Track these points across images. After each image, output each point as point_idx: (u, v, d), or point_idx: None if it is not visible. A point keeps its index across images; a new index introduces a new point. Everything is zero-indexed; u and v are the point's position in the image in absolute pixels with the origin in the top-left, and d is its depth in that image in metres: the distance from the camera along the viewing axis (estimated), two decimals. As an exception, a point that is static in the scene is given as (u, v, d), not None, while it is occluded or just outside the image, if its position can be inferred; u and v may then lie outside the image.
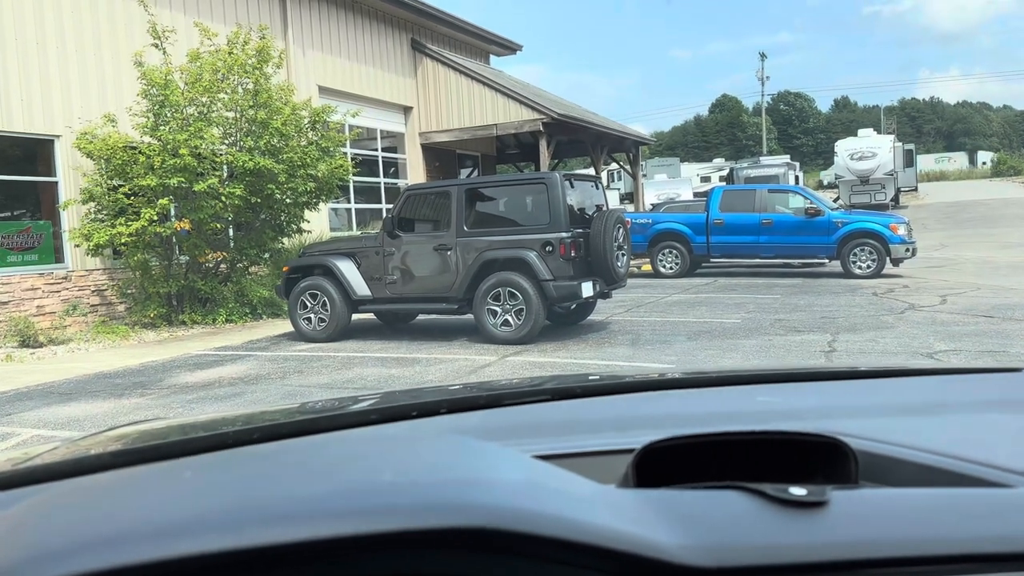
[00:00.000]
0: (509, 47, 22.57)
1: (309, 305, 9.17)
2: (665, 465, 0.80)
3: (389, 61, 17.58)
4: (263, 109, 10.80)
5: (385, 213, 13.86)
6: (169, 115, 10.35)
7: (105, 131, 10.32)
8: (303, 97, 12.14)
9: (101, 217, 10.47)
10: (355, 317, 9.42)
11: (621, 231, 8.73)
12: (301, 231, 12.15)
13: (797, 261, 15.74)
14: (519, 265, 8.28)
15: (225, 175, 10.86)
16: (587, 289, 8.29)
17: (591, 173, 16.19)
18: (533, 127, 17.04)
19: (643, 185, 24.86)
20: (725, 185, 21.04)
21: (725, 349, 7.61)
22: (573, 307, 9.13)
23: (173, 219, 10.62)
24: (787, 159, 38.20)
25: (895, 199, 32.44)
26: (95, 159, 10.34)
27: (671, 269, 15.47)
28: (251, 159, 10.43)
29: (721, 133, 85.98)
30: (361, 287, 9.04)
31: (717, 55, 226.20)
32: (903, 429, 0.98)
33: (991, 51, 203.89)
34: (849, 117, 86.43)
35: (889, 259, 13.81)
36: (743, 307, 10.59)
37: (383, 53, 17.42)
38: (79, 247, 10.39)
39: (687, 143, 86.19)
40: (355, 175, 13.33)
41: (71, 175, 10.75)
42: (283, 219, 11.75)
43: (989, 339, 7.59)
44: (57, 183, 10.77)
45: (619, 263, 8.66)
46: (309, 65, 15.15)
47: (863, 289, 12.12)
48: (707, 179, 40.97)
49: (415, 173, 18.17)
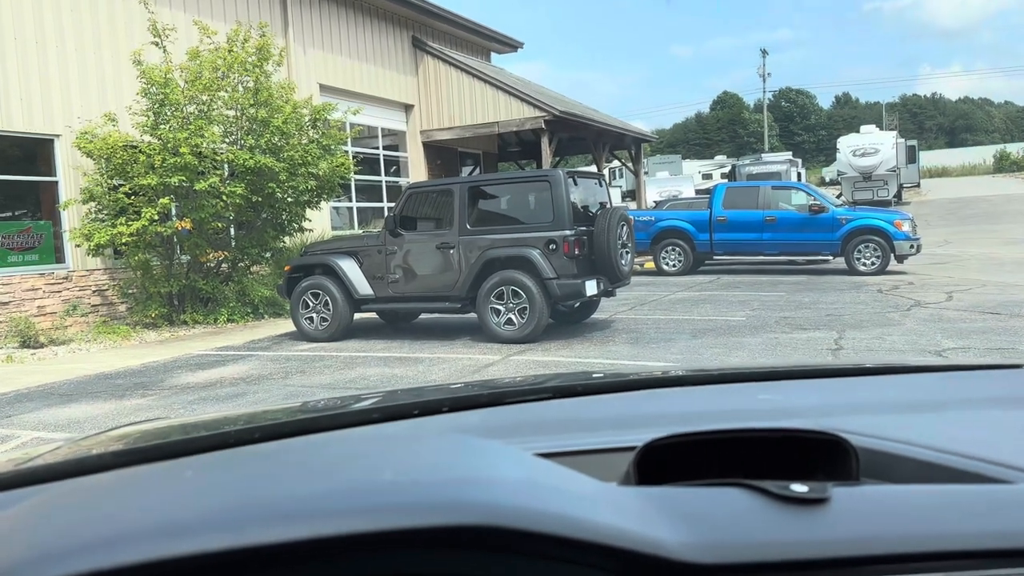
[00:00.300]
0: (510, 44, 22.50)
1: (311, 304, 9.12)
2: (666, 463, 0.80)
3: (390, 59, 17.52)
4: (264, 107, 10.74)
5: (387, 212, 13.81)
6: (169, 114, 10.30)
7: (105, 130, 10.27)
8: (304, 95, 12.09)
9: (102, 217, 10.42)
10: (357, 316, 9.37)
11: (625, 229, 8.66)
12: (303, 230, 12.11)
13: (801, 258, 15.67)
14: (522, 263, 8.22)
15: (226, 174, 10.81)
16: (591, 287, 8.23)
17: (594, 170, 16.14)
18: (535, 124, 16.98)
19: (645, 182, 24.80)
20: (728, 182, 20.97)
21: (731, 347, 7.55)
22: (577, 305, 9.08)
23: (174, 218, 10.57)
24: (789, 156, 38.14)
25: (898, 195, 32.36)
26: (95, 158, 10.28)
27: (674, 267, 15.40)
28: (252, 157, 10.38)
29: (722, 130, 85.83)
30: (363, 286, 8.99)
31: (718, 52, 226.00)
32: (904, 426, 0.98)
33: (992, 47, 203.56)
34: (851, 113, 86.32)
35: (893, 256, 13.74)
36: (747, 305, 10.53)
37: (384, 51, 17.36)
38: (80, 247, 10.33)
39: (688, 140, 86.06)
40: (356, 173, 13.26)
41: (71, 175, 10.70)
42: (284, 218, 11.70)
43: (997, 336, 7.52)
44: (57, 183, 10.72)
45: (623, 261, 8.59)
46: (310, 63, 15.09)
47: (868, 286, 12.06)
48: (709, 176, 40.95)
49: (416, 171, 18.12)
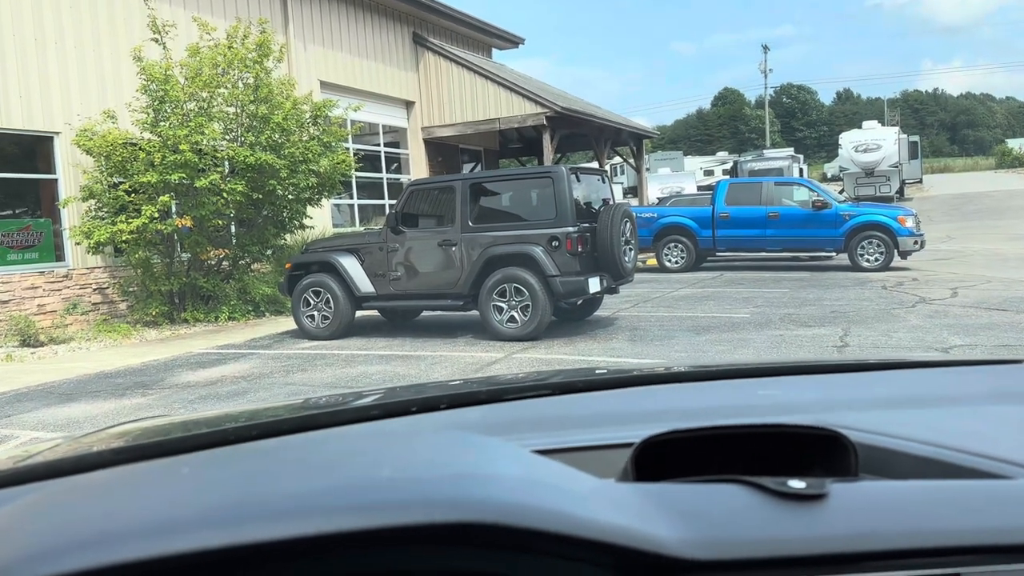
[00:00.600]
0: (511, 40, 22.41)
1: (312, 302, 9.06)
2: (664, 459, 0.80)
3: (391, 55, 17.44)
4: (264, 104, 10.68)
5: (388, 209, 13.75)
6: (169, 111, 10.23)
7: (105, 127, 10.20)
8: (304, 92, 12.02)
9: (102, 214, 10.36)
10: (359, 314, 9.31)
11: (628, 225, 8.60)
12: (304, 227, 12.05)
13: (804, 254, 15.61)
14: (525, 261, 8.16)
15: (226, 171, 10.75)
16: (594, 284, 8.17)
17: (596, 167, 16.06)
18: (536, 121, 16.90)
19: (646, 179, 24.72)
20: (730, 178, 20.90)
21: (735, 344, 7.49)
22: (579, 303, 9.02)
23: (174, 216, 10.51)
24: (791, 152, 38.05)
25: (900, 191, 32.26)
26: (95, 156, 10.22)
27: (676, 263, 15.34)
28: (252, 154, 10.32)
29: (723, 126, 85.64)
30: (365, 284, 8.93)
31: (718, 48, 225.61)
32: (903, 422, 0.97)
33: (994, 42, 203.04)
34: (852, 109, 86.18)
35: (897, 252, 13.68)
36: (751, 301, 10.47)
37: (385, 47, 17.28)
38: (80, 245, 10.28)
39: (689, 136, 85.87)
40: (357, 170, 13.19)
41: (71, 172, 10.64)
42: (285, 215, 11.64)
43: (1004, 332, 7.46)
44: (57, 180, 10.66)
45: (626, 258, 8.54)
46: (310, 60, 15.02)
47: (872, 282, 11.99)
48: (710, 173, 40.82)
49: (418, 168, 18.05)
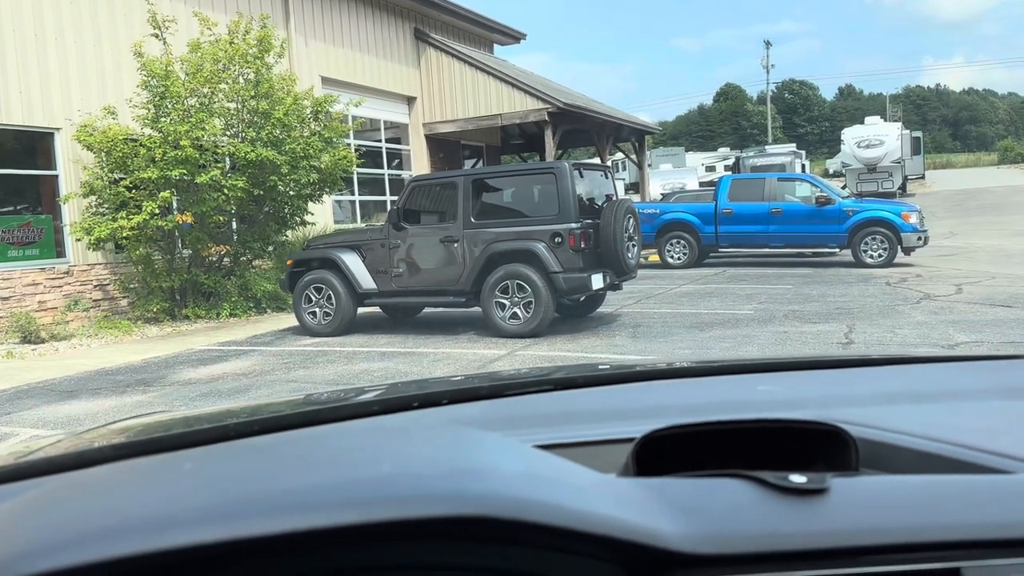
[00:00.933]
0: (513, 36, 22.33)
1: (314, 299, 9.02)
2: (665, 454, 0.79)
3: (392, 51, 17.38)
4: (265, 99, 10.63)
5: (389, 205, 13.70)
6: (170, 106, 10.18)
7: (105, 123, 10.16)
8: (306, 88, 11.96)
9: (102, 211, 10.32)
10: (360, 311, 9.28)
11: (631, 221, 8.55)
12: (305, 224, 12.00)
13: (808, 250, 15.55)
14: (528, 257, 8.12)
15: (227, 167, 10.70)
16: (597, 281, 8.12)
17: (599, 162, 16.02)
18: (538, 117, 16.84)
19: (648, 175, 24.66)
20: (733, 174, 20.84)
21: (739, 341, 7.44)
22: (582, 299, 8.97)
23: (175, 212, 10.47)
24: (793, 147, 37.99)
25: (902, 187, 32.18)
26: (95, 152, 10.18)
27: (679, 260, 15.29)
28: (253, 150, 10.27)
29: (725, 122, 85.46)
30: (366, 280, 8.89)
31: (720, 44, 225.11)
32: (904, 417, 0.97)
33: (996, 38, 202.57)
34: (854, 105, 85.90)
35: (900, 248, 13.62)
36: (755, 298, 10.42)
37: (386, 43, 17.22)
38: (80, 241, 10.23)
39: (691, 132, 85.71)
40: (359, 167, 13.14)
41: (71, 168, 10.60)
42: (286, 211, 11.60)
43: (1010, 329, 7.41)
44: (57, 176, 10.62)
45: (630, 254, 8.49)
46: (311, 55, 14.96)
47: (876, 278, 11.94)
48: (712, 169, 40.74)
49: (419, 164, 17.99)
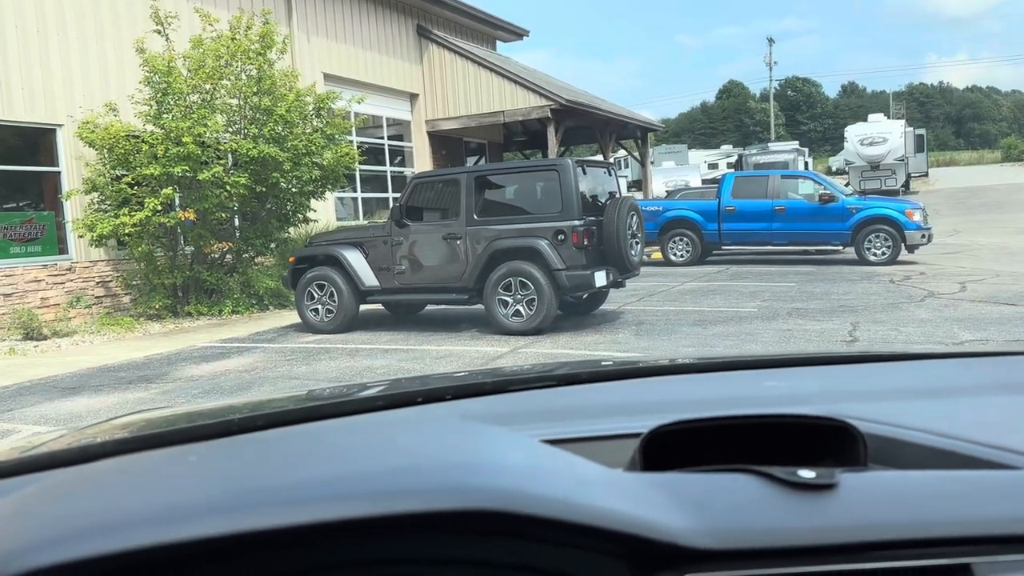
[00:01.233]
0: (516, 32, 22.29)
1: (316, 296, 9.01)
2: (672, 449, 0.79)
3: (395, 48, 17.35)
4: (267, 96, 10.61)
5: (392, 202, 13.68)
6: (172, 103, 10.17)
7: (107, 120, 10.15)
8: (308, 84, 11.94)
9: (104, 207, 10.30)
10: (363, 308, 9.26)
11: (635, 218, 8.53)
12: (307, 220, 11.99)
13: (812, 248, 15.51)
14: (530, 254, 8.09)
15: (229, 163, 10.68)
16: (600, 278, 8.10)
17: (602, 159, 15.97)
18: (541, 114, 16.81)
19: (651, 172, 24.62)
20: (737, 171, 20.80)
21: (743, 339, 7.42)
22: (585, 297, 8.95)
23: (177, 209, 10.46)
24: (796, 145, 37.90)
25: (906, 184, 32.09)
26: (97, 148, 10.16)
27: (682, 257, 15.26)
28: (255, 147, 10.25)
29: (728, 120, 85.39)
30: (369, 277, 8.88)
31: (723, 41, 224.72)
32: (912, 412, 0.97)
33: (999, 35, 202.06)
34: (857, 103, 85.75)
35: (904, 246, 13.57)
36: (758, 295, 10.39)
37: (389, 39, 17.19)
38: (83, 238, 10.22)
39: (694, 130, 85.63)
40: (361, 163, 13.14)
41: (74, 165, 10.59)
42: (289, 208, 11.59)
43: (1015, 326, 7.38)
44: (60, 173, 10.61)
45: (633, 251, 8.46)
46: (314, 52, 14.94)
47: (879, 276, 11.90)
48: (715, 166, 40.68)
49: (422, 161, 17.97)
